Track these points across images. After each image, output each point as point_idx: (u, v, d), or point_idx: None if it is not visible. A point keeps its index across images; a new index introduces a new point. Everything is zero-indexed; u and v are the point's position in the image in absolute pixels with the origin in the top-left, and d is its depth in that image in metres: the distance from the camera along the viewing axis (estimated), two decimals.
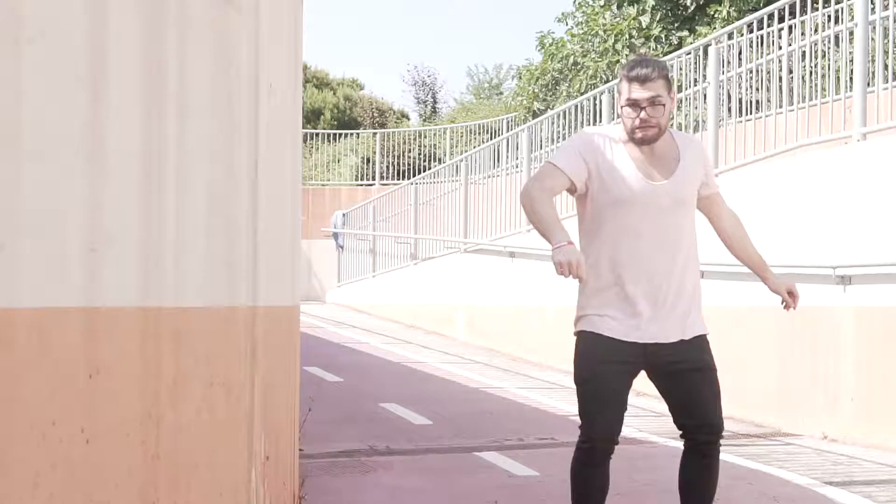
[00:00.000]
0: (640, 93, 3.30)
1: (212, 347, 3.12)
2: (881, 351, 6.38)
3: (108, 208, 2.36)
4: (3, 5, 1.85)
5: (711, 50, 8.57)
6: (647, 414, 7.27)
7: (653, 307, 3.30)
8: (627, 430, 6.46)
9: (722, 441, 3.46)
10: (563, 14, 19.25)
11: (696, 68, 9.30)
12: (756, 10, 14.87)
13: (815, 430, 6.90)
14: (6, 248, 1.91)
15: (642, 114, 3.29)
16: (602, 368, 3.31)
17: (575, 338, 3.43)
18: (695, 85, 9.30)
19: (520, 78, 20.68)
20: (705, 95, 8.94)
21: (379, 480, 5.14)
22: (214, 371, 3.14)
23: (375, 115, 29.06)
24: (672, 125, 3.73)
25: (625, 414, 3.40)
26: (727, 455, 6.03)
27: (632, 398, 3.81)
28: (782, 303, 3.66)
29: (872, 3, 7.07)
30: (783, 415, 7.24)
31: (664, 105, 3.30)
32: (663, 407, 3.65)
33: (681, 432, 3.45)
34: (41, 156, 2.04)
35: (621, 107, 3.36)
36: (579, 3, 18.73)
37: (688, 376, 3.34)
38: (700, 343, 3.37)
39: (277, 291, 3.89)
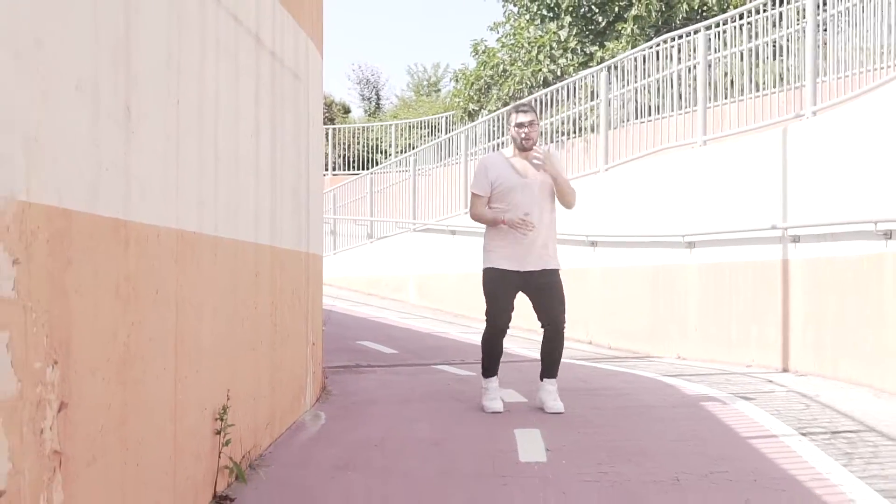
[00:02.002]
0: (523, 118, 5.67)
1: (293, 272, 5.39)
2: (713, 295, 8.80)
3: (262, 195, 4.60)
4: (234, 107, 4.03)
5: (602, 76, 10.95)
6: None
7: (526, 250, 5.63)
8: (525, 353, 8.77)
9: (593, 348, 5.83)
10: (494, 24, 21.40)
11: (593, 84, 11.65)
12: (655, 26, 17.34)
13: (672, 353, 9.31)
14: (263, 216, 4.14)
15: (525, 130, 5.65)
16: (498, 289, 5.70)
17: (483, 270, 5.79)
18: (592, 99, 11.66)
19: (457, 81, 22.67)
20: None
21: (369, 377, 7.42)
22: (293, 285, 5.40)
23: (323, 110, 30.94)
24: (579, 128, 6.17)
25: (511, 314, 5.75)
26: (608, 366, 8.43)
27: (532, 335, 5.98)
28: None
29: (709, 46, 9.51)
30: (651, 344, 9.65)
31: (536, 125, 5.66)
32: None
33: (541, 324, 5.82)
34: (251, 173, 4.27)
35: (513, 127, 5.73)
36: (508, 15, 20.87)
37: (545, 292, 5.72)
38: (554, 273, 5.72)
39: (316, 245, 6.17)
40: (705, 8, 17.26)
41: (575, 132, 12.32)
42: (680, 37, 10.02)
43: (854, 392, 6.48)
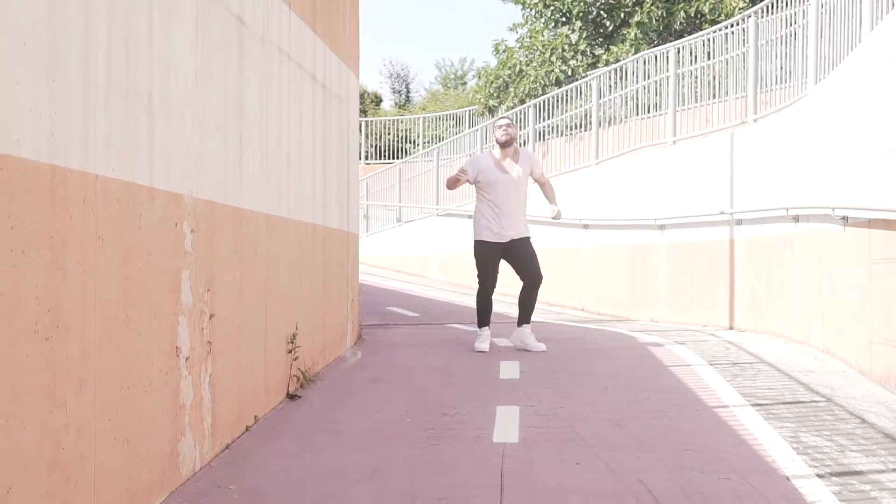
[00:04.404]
0: (502, 122, 7.38)
1: (338, 246, 7.09)
2: (679, 269, 10.42)
3: (317, 189, 6.30)
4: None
5: (594, 83, 12.57)
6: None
7: (506, 225, 7.31)
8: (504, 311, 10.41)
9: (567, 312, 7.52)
10: (513, 24, 22.93)
11: (587, 91, 13.27)
12: (657, 31, 18.78)
13: (647, 316, 10.94)
14: (317, 204, 5.82)
15: (502, 129, 7.33)
16: (485, 257, 7.37)
17: (474, 243, 7.46)
18: (585, 104, 13.27)
19: (479, 78, 24.20)
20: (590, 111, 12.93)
21: (395, 331, 9.14)
22: (338, 257, 7.11)
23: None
24: (587, 123, 7.93)
25: (497, 276, 7.44)
26: (591, 325, 10.05)
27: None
28: (553, 216, 7.61)
29: (678, 60, 11.11)
30: (631, 309, 11.28)
31: (511, 126, 7.37)
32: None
33: (522, 281, 7.48)
34: (310, 173, 5.96)
35: (496, 131, 7.40)
36: (526, 18, 22.36)
37: (522, 257, 7.40)
38: (528, 241, 7.39)
39: (355, 226, 7.89)
40: (700, 15, 18.70)
41: (580, 128, 13.93)
42: (655, 54, 11.61)
43: (772, 342, 8.10)
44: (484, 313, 7.54)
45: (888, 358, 5.66)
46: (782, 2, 9.30)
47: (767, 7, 9.64)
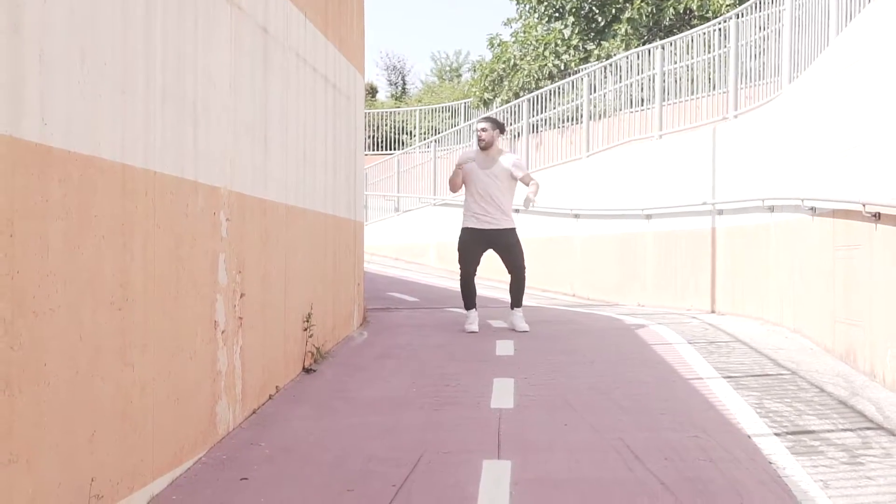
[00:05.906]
0: (478, 126, 7.89)
1: (346, 233, 7.61)
2: (665, 255, 10.94)
3: (328, 181, 6.81)
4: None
5: (585, 79, 13.07)
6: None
7: (488, 215, 7.82)
8: (502, 297, 10.93)
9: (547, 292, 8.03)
10: (508, 19, 23.41)
11: (579, 86, 13.76)
12: (647, 27, 19.25)
13: (634, 301, 11.47)
14: (328, 194, 6.32)
15: (478, 133, 7.85)
16: (466, 244, 7.90)
17: (460, 229, 7.99)
18: (576, 99, 13.77)
19: (474, 71, 24.66)
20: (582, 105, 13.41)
21: (397, 314, 9.66)
22: (346, 242, 7.62)
23: None
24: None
25: (478, 263, 7.96)
26: (581, 309, 10.56)
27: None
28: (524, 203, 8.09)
29: (664, 58, 11.61)
30: (619, 295, 11.81)
31: (486, 131, 7.86)
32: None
33: (507, 271, 8.00)
34: (321, 167, 6.46)
35: (474, 133, 7.92)
36: (520, 13, 22.83)
37: (508, 249, 7.92)
38: (511, 233, 7.92)
39: (360, 215, 8.39)
40: (689, 12, 19.18)
41: (572, 121, 14.44)
42: (643, 51, 12.11)
43: (748, 323, 8.64)
44: (468, 297, 8.04)
45: (848, 336, 6.20)
46: (762, 4, 9.82)
47: (749, 8, 10.15)
